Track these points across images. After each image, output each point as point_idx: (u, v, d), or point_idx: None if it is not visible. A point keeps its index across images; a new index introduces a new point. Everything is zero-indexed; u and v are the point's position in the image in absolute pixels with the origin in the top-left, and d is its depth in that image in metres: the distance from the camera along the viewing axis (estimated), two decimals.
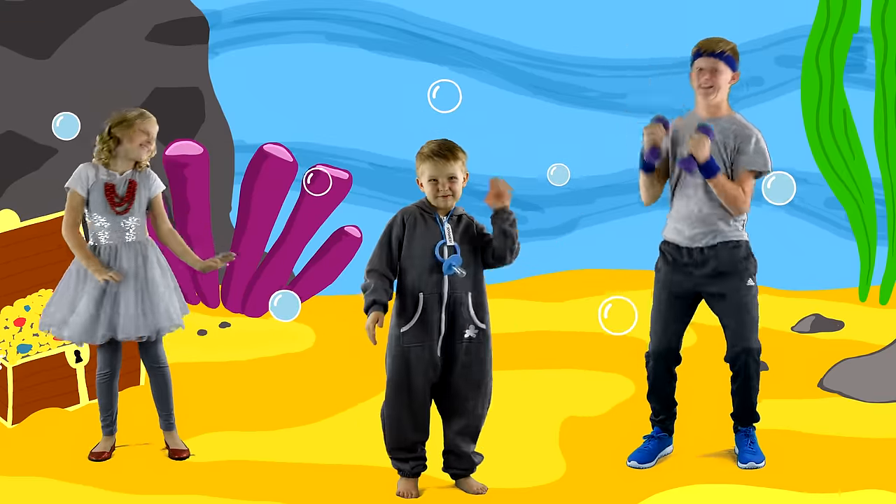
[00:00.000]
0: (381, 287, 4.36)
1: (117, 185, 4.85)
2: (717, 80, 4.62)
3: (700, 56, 4.65)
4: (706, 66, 4.63)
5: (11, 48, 7.65)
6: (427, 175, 4.40)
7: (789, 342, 6.51)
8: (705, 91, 4.64)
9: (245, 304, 7.22)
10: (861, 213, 7.42)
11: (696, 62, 4.67)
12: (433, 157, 4.38)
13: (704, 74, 4.64)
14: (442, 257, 4.36)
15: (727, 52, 4.64)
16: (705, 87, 4.64)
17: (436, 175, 4.38)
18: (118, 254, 4.83)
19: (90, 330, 4.81)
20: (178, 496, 4.52)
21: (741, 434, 4.82)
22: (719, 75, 4.62)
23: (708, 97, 4.65)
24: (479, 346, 4.43)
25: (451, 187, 4.39)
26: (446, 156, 4.38)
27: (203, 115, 7.81)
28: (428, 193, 4.42)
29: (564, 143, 7.92)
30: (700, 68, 4.65)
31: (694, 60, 4.68)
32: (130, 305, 4.80)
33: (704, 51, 4.64)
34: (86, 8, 7.73)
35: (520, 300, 7.45)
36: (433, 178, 4.38)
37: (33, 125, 7.63)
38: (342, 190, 7.19)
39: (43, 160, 7.64)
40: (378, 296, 4.35)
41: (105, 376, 4.93)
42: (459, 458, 4.53)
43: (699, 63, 4.65)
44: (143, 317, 4.81)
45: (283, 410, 5.50)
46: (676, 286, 4.75)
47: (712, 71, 4.62)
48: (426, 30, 7.94)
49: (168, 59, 7.75)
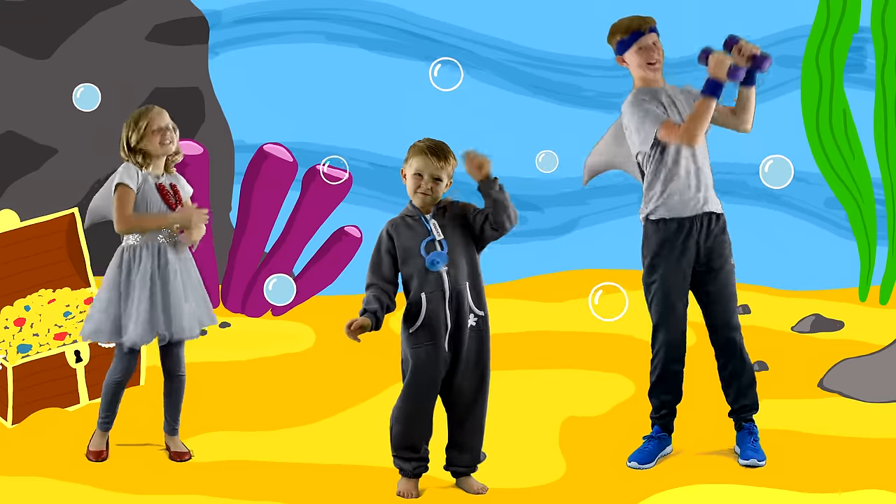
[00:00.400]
0: (374, 299, 4.40)
1: (165, 185, 4.87)
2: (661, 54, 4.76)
3: (641, 34, 4.73)
4: (650, 41, 4.74)
5: (11, 48, 7.65)
6: (414, 168, 4.41)
7: (789, 342, 6.51)
8: (653, 66, 4.74)
9: (245, 304, 7.22)
10: (861, 213, 7.43)
11: (639, 41, 4.73)
12: (426, 153, 4.40)
13: (651, 50, 4.73)
14: (426, 253, 4.37)
15: (654, 24, 4.77)
16: (654, 62, 4.73)
17: (422, 170, 4.40)
18: (163, 251, 4.82)
19: (150, 331, 4.78)
20: (178, 496, 4.52)
21: (744, 431, 4.82)
22: (660, 48, 4.76)
23: (657, 72, 4.75)
24: (480, 334, 4.44)
25: (432, 187, 4.40)
26: (439, 155, 4.40)
27: (203, 115, 7.81)
28: (409, 186, 4.43)
29: (564, 143, 7.91)
30: (642, 46, 4.73)
31: (633, 41, 4.74)
32: (180, 303, 4.80)
33: (644, 28, 4.73)
34: (86, 8, 7.73)
35: (520, 300, 7.45)
36: (419, 172, 4.40)
37: (33, 125, 7.63)
38: (342, 190, 7.19)
39: (43, 160, 7.64)
40: (369, 305, 4.39)
41: (117, 382, 4.88)
42: (465, 453, 4.52)
43: (642, 41, 4.73)
44: (189, 314, 4.82)
45: (283, 410, 5.50)
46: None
47: (654, 45, 4.74)
48: (426, 30, 7.94)
49: (168, 59, 7.76)
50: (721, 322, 4.77)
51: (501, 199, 4.37)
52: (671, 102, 4.75)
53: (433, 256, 4.36)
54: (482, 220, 4.40)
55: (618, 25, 4.78)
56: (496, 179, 4.37)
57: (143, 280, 4.77)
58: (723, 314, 4.77)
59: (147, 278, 4.77)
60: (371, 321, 4.36)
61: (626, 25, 4.76)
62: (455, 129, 5.52)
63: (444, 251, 4.38)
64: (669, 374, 4.83)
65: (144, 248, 4.81)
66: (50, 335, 5.69)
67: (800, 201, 7.87)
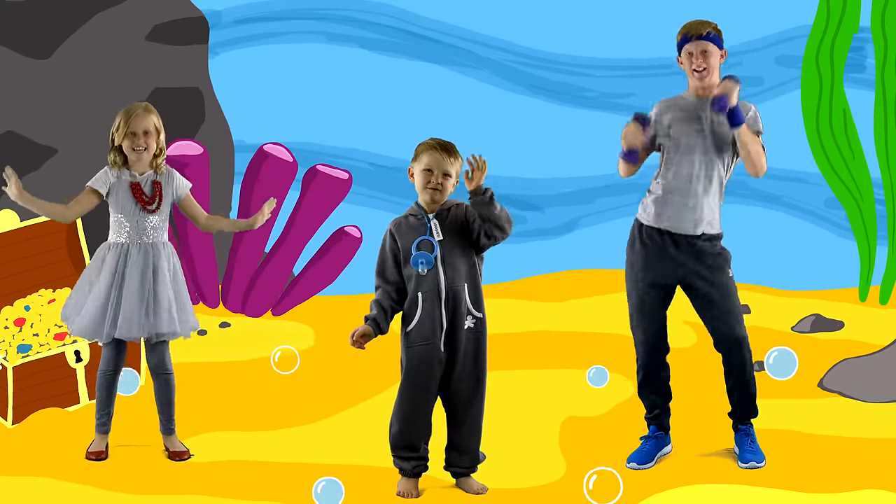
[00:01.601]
0: (376, 304, 4.44)
1: (143, 183, 4.86)
2: (709, 62, 4.70)
3: (688, 41, 4.72)
4: (696, 49, 4.70)
5: (11, 48, 7.64)
6: (424, 164, 4.41)
7: (789, 342, 6.50)
8: (700, 74, 4.70)
9: (245, 304, 7.22)
10: (861, 213, 7.43)
11: (686, 47, 4.73)
12: (436, 149, 4.41)
13: (697, 58, 4.70)
14: (415, 251, 4.37)
15: (713, 32, 4.72)
16: (699, 70, 4.70)
17: (432, 166, 4.40)
18: (128, 253, 4.83)
19: (96, 328, 4.82)
20: (178, 496, 4.52)
21: (741, 433, 4.82)
22: (710, 56, 4.70)
23: (703, 80, 4.71)
24: (477, 336, 4.44)
25: (442, 182, 4.40)
26: (448, 151, 4.42)
27: (203, 115, 7.81)
28: (418, 184, 4.43)
29: (564, 143, 7.92)
30: (690, 52, 4.72)
31: (683, 45, 4.74)
32: (134, 304, 4.80)
33: (692, 35, 4.71)
34: (86, 8, 7.73)
35: (520, 300, 7.45)
36: (429, 167, 4.40)
37: (33, 125, 7.62)
38: (342, 190, 7.19)
39: (43, 160, 7.63)
40: (370, 313, 4.43)
41: (107, 374, 4.93)
42: (464, 454, 4.53)
43: (689, 48, 4.72)
44: (145, 318, 4.82)
45: (283, 410, 5.50)
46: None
47: (703, 53, 4.70)
48: (426, 30, 7.94)
49: (168, 59, 7.75)
50: (720, 336, 4.76)
51: (488, 214, 4.33)
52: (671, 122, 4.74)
53: (418, 257, 4.37)
54: (478, 229, 4.39)
55: (681, 28, 4.77)
56: (487, 191, 4.34)
57: (105, 277, 4.82)
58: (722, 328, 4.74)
59: (109, 275, 4.82)
60: (373, 329, 4.40)
61: (683, 28, 4.74)
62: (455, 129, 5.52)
63: (432, 254, 4.38)
64: (651, 373, 4.84)
65: (113, 248, 4.86)
66: (50, 335, 5.69)
67: (800, 201, 7.87)
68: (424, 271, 4.38)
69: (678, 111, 4.74)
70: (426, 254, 4.37)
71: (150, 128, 4.85)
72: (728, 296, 4.72)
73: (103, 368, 4.94)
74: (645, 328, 4.80)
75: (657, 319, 4.80)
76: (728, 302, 4.72)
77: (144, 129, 4.83)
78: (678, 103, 4.77)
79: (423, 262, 4.37)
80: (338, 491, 4.35)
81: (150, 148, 4.86)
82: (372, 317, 4.43)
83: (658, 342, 4.82)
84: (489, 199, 4.32)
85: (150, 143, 4.86)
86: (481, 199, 4.32)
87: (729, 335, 4.71)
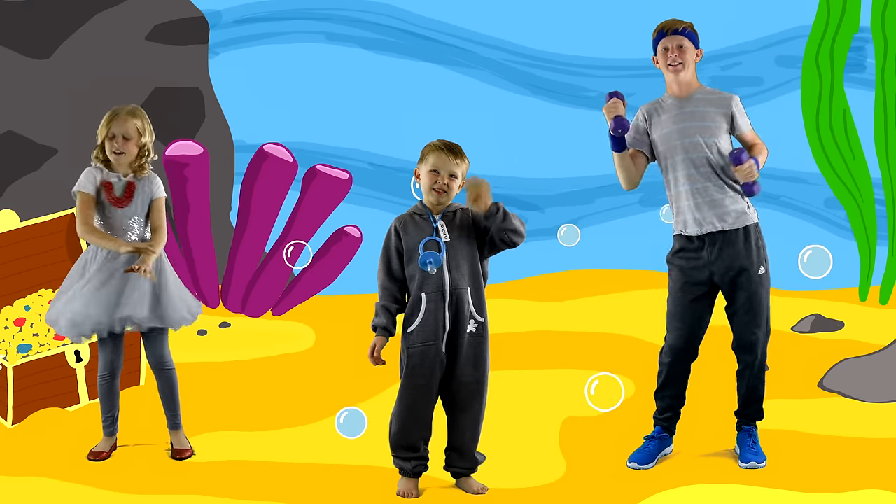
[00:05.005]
0: (382, 310, 4.43)
1: (115, 184, 4.85)
2: (685, 57, 4.73)
3: (664, 36, 4.75)
4: (672, 44, 4.73)
5: (11, 48, 7.65)
6: (430, 165, 4.42)
7: (789, 342, 6.51)
8: (675, 69, 4.74)
9: (245, 304, 7.22)
10: (861, 213, 7.43)
11: (661, 42, 4.76)
12: (443, 150, 4.42)
13: (673, 52, 4.73)
14: (422, 251, 4.37)
15: (688, 28, 4.75)
16: (675, 64, 4.73)
17: (439, 167, 4.41)
18: (108, 254, 4.82)
19: (79, 325, 4.79)
20: (179, 496, 4.52)
21: (744, 433, 4.82)
22: (686, 52, 4.73)
23: (679, 74, 4.74)
24: (479, 340, 4.44)
25: (448, 183, 4.41)
26: (455, 152, 4.43)
27: (203, 115, 7.81)
28: (424, 185, 4.44)
29: (564, 143, 7.92)
30: (666, 48, 4.75)
31: (658, 42, 4.77)
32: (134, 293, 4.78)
33: (667, 30, 4.75)
34: (86, 8, 7.73)
35: (520, 300, 7.45)
36: (436, 168, 4.41)
37: (33, 125, 7.63)
38: (342, 190, 7.19)
39: (43, 160, 7.64)
40: (379, 320, 4.43)
41: (105, 378, 4.92)
42: (463, 457, 4.53)
43: (664, 43, 4.75)
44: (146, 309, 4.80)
45: (283, 410, 5.51)
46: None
47: (678, 48, 4.73)
48: (426, 30, 7.95)
49: (168, 59, 7.76)
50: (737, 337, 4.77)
51: (506, 226, 4.35)
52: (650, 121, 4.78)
53: (426, 256, 4.36)
54: (495, 235, 4.37)
55: (657, 26, 4.80)
56: (498, 208, 4.35)
57: (93, 276, 4.81)
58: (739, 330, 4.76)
59: (90, 274, 4.81)
60: (385, 338, 4.42)
61: (658, 26, 4.78)
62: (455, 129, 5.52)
63: (440, 254, 4.37)
64: (673, 376, 4.84)
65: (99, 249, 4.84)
66: (50, 335, 5.69)
67: (800, 201, 7.87)
68: (434, 271, 4.37)
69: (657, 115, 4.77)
70: (435, 253, 4.37)
71: (129, 132, 4.82)
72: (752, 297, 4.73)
73: (101, 374, 4.93)
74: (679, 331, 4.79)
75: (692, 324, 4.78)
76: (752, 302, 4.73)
77: (123, 133, 4.81)
78: (663, 104, 4.79)
79: (431, 261, 4.36)
80: (360, 421, 4.33)
81: (128, 152, 4.83)
82: (383, 325, 4.42)
83: (690, 346, 4.81)
84: (504, 215, 4.34)
85: (130, 147, 4.83)
86: (497, 219, 4.34)
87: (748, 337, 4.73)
